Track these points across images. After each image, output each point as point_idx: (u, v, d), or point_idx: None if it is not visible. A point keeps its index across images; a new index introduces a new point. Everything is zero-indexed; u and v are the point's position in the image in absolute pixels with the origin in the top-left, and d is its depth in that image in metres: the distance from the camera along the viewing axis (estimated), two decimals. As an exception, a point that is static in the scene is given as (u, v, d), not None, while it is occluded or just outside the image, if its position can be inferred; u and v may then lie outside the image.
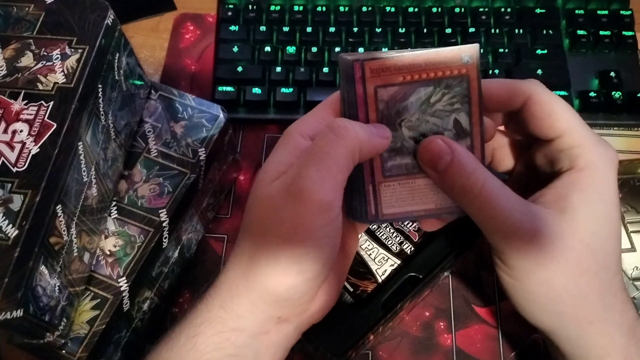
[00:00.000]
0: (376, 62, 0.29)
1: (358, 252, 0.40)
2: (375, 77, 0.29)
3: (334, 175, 0.28)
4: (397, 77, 0.30)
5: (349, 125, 0.28)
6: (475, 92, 0.30)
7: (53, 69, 0.35)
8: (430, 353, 0.44)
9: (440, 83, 0.30)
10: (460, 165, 0.30)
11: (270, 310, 0.29)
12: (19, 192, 0.31)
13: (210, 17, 0.60)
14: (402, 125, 0.30)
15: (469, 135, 0.31)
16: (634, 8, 0.58)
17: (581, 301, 0.30)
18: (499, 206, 0.29)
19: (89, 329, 0.36)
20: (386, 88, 0.30)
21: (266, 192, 0.29)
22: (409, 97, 0.30)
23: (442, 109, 0.30)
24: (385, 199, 0.31)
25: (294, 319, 0.31)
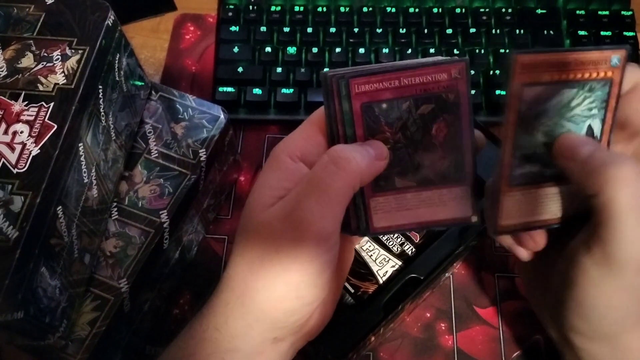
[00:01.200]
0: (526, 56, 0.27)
1: (359, 253, 0.40)
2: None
3: (334, 207, 0.28)
4: (545, 75, 0.27)
5: (350, 156, 0.28)
6: (615, 98, 0.29)
7: (53, 69, 0.35)
8: (432, 354, 0.44)
9: (584, 85, 0.28)
10: (607, 152, 0.28)
11: (267, 332, 0.29)
12: (19, 194, 0.31)
13: (210, 18, 0.60)
14: (539, 129, 0.29)
15: (598, 142, 0.30)
16: (634, 8, 0.57)
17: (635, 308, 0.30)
18: None
19: (89, 331, 0.36)
20: (532, 87, 0.28)
21: (263, 218, 0.28)
22: (552, 99, 0.28)
23: (580, 113, 0.29)
24: (507, 210, 0.30)
25: (290, 338, 0.30)
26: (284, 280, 0.27)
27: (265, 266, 0.28)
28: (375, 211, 0.31)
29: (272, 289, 0.28)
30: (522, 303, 0.46)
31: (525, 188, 0.30)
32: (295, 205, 0.27)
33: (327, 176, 0.27)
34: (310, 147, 0.30)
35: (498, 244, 0.48)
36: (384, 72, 0.28)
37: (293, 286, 0.28)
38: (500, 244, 0.35)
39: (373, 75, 0.28)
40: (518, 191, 0.30)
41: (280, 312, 0.28)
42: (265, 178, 0.30)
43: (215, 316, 0.29)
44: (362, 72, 0.29)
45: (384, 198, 0.31)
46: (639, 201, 0.27)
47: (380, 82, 0.28)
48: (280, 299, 0.28)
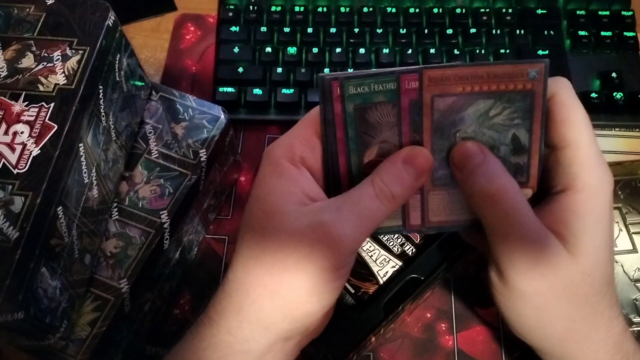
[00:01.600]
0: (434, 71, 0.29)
1: (359, 254, 0.40)
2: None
3: (370, 231, 0.30)
4: (457, 87, 0.29)
5: (396, 194, 0.29)
6: (539, 108, 0.30)
7: (54, 70, 0.35)
8: (432, 354, 0.44)
9: (501, 97, 0.29)
10: (488, 168, 0.29)
11: (282, 333, 0.29)
12: (19, 194, 0.31)
13: (210, 18, 0.60)
14: (456, 135, 0.30)
15: (527, 152, 0.30)
16: (635, 9, 0.57)
17: (570, 324, 0.30)
18: (518, 220, 0.29)
19: (90, 331, 0.36)
20: (443, 97, 0.29)
21: (287, 226, 0.28)
22: (467, 108, 0.29)
23: (501, 123, 0.30)
24: (432, 207, 0.32)
25: (297, 337, 0.31)
26: (306, 286, 0.28)
27: (290, 271, 0.28)
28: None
29: (294, 293, 0.28)
30: (522, 303, 0.46)
31: (448, 188, 0.31)
32: (334, 220, 0.28)
33: (371, 207, 0.29)
34: (308, 151, 0.30)
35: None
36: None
37: (315, 292, 0.28)
38: None
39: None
40: (442, 191, 0.32)
41: (299, 314, 0.29)
42: (272, 184, 0.30)
43: (227, 320, 0.29)
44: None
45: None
46: (508, 214, 0.29)
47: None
48: (301, 302, 0.28)
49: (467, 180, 0.30)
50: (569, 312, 0.30)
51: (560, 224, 0.29)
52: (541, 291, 0.29)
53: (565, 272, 0.29)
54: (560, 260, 0.29)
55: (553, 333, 0.31)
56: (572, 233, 0.29)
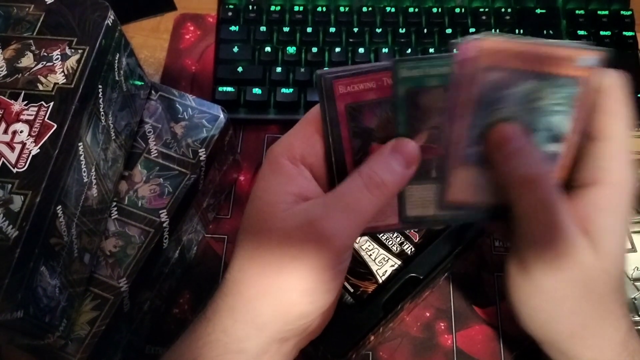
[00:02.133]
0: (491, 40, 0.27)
1: (358, 253, 0.40)
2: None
3: (362, 226, 0.29)
4: (509, 63, 0.28)
5: (385, 181, 0.28)
6: (586, 100, 0.28)
7: (53, 69, 0.35)
8: (431, 353, 0.44)
9: (551, 79, 0.28)
10: (528, 153, 0.29)
11: (276, 334, 0.29)
12: (19, 193, 0.31)
13: (210, 18, 0.60)
14: (496, 113, 0.29)
15: (564, 141, 0.29)
16: (634, 8, 0.57)
17: (582, 320, 0.30)
18: (552, 210, 0.28)
19: (89, 330, 0.36)
20: (493, 71, 0.28)
21: (279, 225, 0.28)
22: (514, 87, 0.28)
23: (544, 107, 0.29)
24: (456, 184, 0.30)
25: (294, 338, 0.31)
26: (299, 287, 0.28)
27: (282, 272, 0.28)
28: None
29: (287, 294, 0.28)
30: (521, 303, 0.46)
31: (475, 167, 0.30)
32: (322, 217, 0.28)
33: (360, 199, 0.28)
34: (308, 149, 0.30)
35: (498, 243, 0.48)
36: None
37: (309, 292, 0.28)
38: None
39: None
40: (468, 169, 0.30)
41: (293, 315, 0.29)
42: (269, 182, 0.30)
43: (222, 319, 0.29)
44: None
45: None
46: (542, 203, 0.28)
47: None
48: (294, 303, 0.28)
49: (504, 162, 0.29)
50: (584, 309, 0.30)
51: (586, 219, 0.29)
52: (561, 285, 0.29)
53: (587, 269, 0.29)
54: (583, 256, 0.28)
55: (564, 328, 0.31)
56: (597, 230, 0.29)
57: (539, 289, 0.30)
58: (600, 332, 0.31)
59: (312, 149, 0.30)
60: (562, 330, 0.31)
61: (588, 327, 0.30)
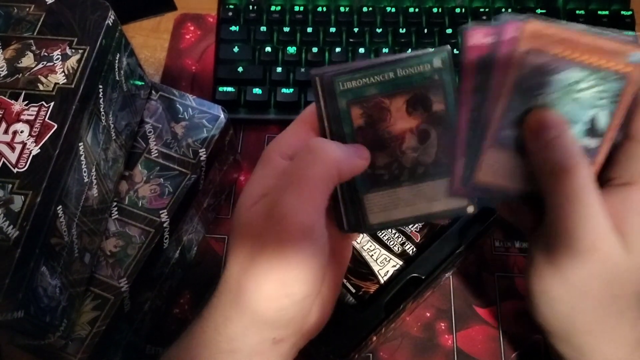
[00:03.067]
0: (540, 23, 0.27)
1: (360, 253, 0.40)
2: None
3: (314, 198, 0.27)
4: (555, 48, 0.27)
5: (325, 145, 0.28)
6: (629, 96, 0.28)
7: (54, 69, 0.35)
8: (431, 354, 0.44)
9: (597, 71, 0.27)
10: (567, 142, 0.28)
11: (264, 332, 0.29)
12: (19, 193, 0.31)
13: (210, 18, 0.60)
14: (537, 98, 0.28)
15: (601, 136, 0.29)
16: (634, 8, 0.58)
17: (602, 317, 0.30)
18: (587, 201, 0.28)
19: (89, 330, 0.36)
20: (538, 55, 0.27)
21: (248, 217, 0.28)
22: (558, 74, 0.28)
23: (586, 99, 0.28)
24: (486, 166, 0.30)
25: (290, 338, 0.30)
26: (271, 278, 0.27)
27: (254, 265, 0.28)
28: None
29: (261, 288, 0.27)
30: (522, 303, 0.46)
31: (507, 150, 0.30)
32: (276, 200, 0.27)
33: (303, 166, 0.27)
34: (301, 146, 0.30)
35: (498, 244, 0.48)
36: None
37: (280, 283, 0.27)
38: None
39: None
40: (500, 152, 0.30)
41: (272, 311, 0.28)
42: (254, 177, 0.30)
43: (214, 318, 0.29)
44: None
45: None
46: (579, 193, 0.28)
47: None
48: (270, 297, 0.28)
49: (541, 149, 0.28)
50: (605, 305, 0.29)
51: (619, 218, 0.29)
52: (587, 279, 0.29)
53: (616, 266, 0.29)
54: (614, 253, 0.28)
55: (583, 323, 0.30)
56: (630, 229, 0.29)
57: (564, 280, 0.29)
58: (617, 330, 0.30)
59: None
60: (580, 324, 0.30)
61: (606, 323, 0.30)
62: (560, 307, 0.30)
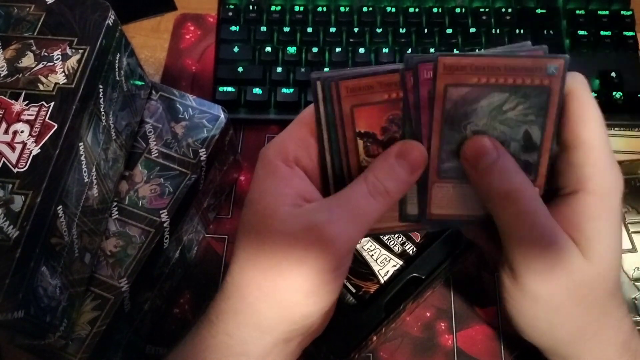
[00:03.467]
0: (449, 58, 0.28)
1: (360, 253, 0.40)
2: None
3: (365, 230, 0.29)
4: (472, 78, 0.28)
5: (389, 189, 0.29)
6: (555, 106, 0.29)
7: (54, 69, 0.35)
8: (431, 353, 0.44)
9: (517, 91, 0.28)
10: (503, 166, 0.29)
11: (280, 335, 0.29)
12: (19, 193, 0.31)
13: (210, 18, 0.60)
14: (467, 128, 0.29)
15: (538, 150, 0.29)
16: (634, 8, 0.58)
17: (581, 325, 0.30)
18: (535, 220, 0.28)
19: (90, 330, 0.36)
20: (457, 87, 0.28)
21: (281, 227, 0.28)
22: (481, 101, 0.29)
23: (514, 118, 0.29)
24: (436, 200, 0.31)
25: (297, 338, 0.31)
26: (302, 289, 0.28)
27: (284, 274, 0.28)
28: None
29: (290, 296, 0.28)
30: (522, 303, 0.46)
31: (453, 181, 0.30)
32: (326, 221, 0.28)
33: (364, 205, 0.29)
34: (302, 151, 0.30)
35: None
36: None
37: (311, 294, 0.28)
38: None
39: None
40: (447, 183, 0.30)
41: (296, 317, 0.29)
42: (265, 185, 0.29)
43: (226, 323, 0.29)
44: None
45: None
46: (524, 215, 0.28)
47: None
48: (297, 305, 0.28)
49: (481, 177, 0.29)
50: (582, 314, 0.30)
51: (572, 227, 0.29)
52: (555, 294, 0.29)
53: (580, 275, 0.29)
54: (575, 263, 0.28)
55: (564, 335, 0.31)
56: (585, 236, 0.29)
57: (534, 298, 0.29)
58: (600, 335, 0.30)
59: (305, 151, 0.30)
60: (561, 336, 0.31)
61: (587, 331, 0.30)
62: (539, 325, 0.31)
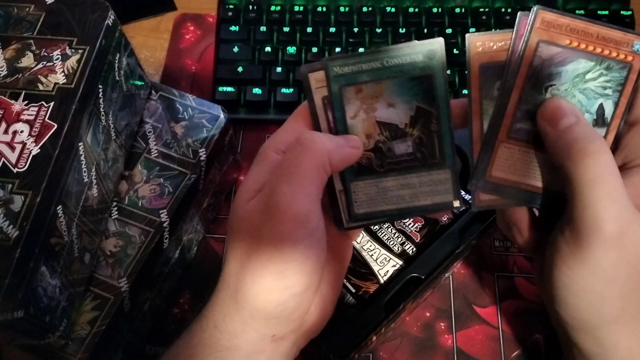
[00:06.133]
0: (549, 14, 0.29)
1: (360, 253, 0.40)
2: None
3: (305, 187, 0.27)
4: (565, 39, 0.28)
5: (315, 136, 0.29)
6: (632, 84, 0.29)
7: (53, 69, 0.35)
8: (431, 353, 0.44)
9: (602, 62, 0.29)
10: (586, 128, 0.28)
11: (263, 329, 0.29)
12: (19, 193, 0.31)
13: (210, 18, 0.60)
14: (548, 90, 0.29)
15: (607, 126, 0.30)
16: (634, 8, 0.58)
17: (626, 305, 0.29)
18: (613, 183, 0.27)
19: (89, 330, 0.36)
20: (549, 46, 0.29)
21: (244, 211, 0.29)
22: (567, 64, 0.29)
23: (593, 89, 0.29)
24: (500, 160, 0.30)
25: (290, 335, 0.30)
26: (269, 271, 0.27)
27: (251, 259, 0.28)
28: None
29: (259, 281, 0.28)
30: (521, 302, 0.46)
31: (522, 144, 0.30)
32: (270, 193, 0.28)
33: (294, 157, 0.28)
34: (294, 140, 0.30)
35: (498, 243, 0.48)
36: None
37: (279, 275, 0.27)
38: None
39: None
40: (514, 145, 0.30)
41: (271, 305, 0.28)
42: (250, 173, 0.30)
43: (214, 315, 0.29)
44: None
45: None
46: (603, 177, 0.27)
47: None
48: (268, 290, 0.28)
49: (560, 136, 0.28)
50: (632, 291, 0.29)
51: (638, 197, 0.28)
52: (616, 265, 0.28)
53: None
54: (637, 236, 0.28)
55: (609, 312, 0.29)
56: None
57: (592, 267, 0.28)
58: (638, 320, 0.30)
59: None
60: (607, 313, 0.30)
61: (627, 312, 0.29)
62: (589, 297, 0.29)
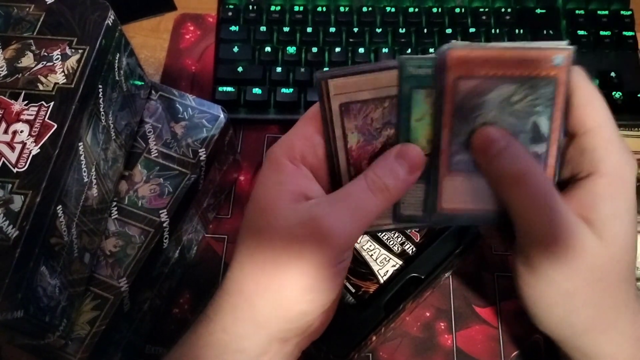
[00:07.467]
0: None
1: (360, 253, 0.40)
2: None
3: (365, 226, 0.29)
4: (480, 70, 0.28)
5: (388, 185, 0.29)
6: (562, 96, 0.29)
7: (53, 69, 0.35)
8: (431, 353, 0.44)
9: (525, 82, 0.29)
10: (513, 150, 0.29)
11: (276, 333, 0.29)
12: (19, 193, 0.31)
13: (210, 18, 0.60)
14: (476, 120, 0.29)
15: (546, 141, 0.30)
16: (634, 8, 0.58)
17: (597, 313, 0.30)
18: (547, 202, 0.28)
19: (89, 330, 0.36)
20: (467, 80, 0.29)
21: (280, 223, 0.28)
22: (489, 93, 0.29)
23: (522, 109, 0.29)
24: (446, 193, 0.31)
25: (295, 338, 0.31)
26: (300, 284, 0.28)
27: (280, 268, 0.28)
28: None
29: (287, 291, 0.28)
30: (521, 302, 0.46)
31: (464, 174, 0.30)
32: (326, 214, 0.28)
33: (364, 200, 0.29)
34: (308, 149, 0.30)
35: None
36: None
37: (308, 290, 0.28)
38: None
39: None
40: (458, 177, 0.31)
41: (293, 313, 0.28)
42: (269, 182, 0.30)
43: (222, 318, 0.29)
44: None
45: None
46: (536, 198, 0.28)
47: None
48: (295, 301, 0.28)
49: (491, 163, 0.29)
50: (597, 299, 0.29)
51: (587, 209, 0.29)
52: (570, 277, 0.29)
53: (595, 257, 0.28)
54: (589, 245, 0.28)
55: (579, 322, 0.30)
56: (600, 217, 0.28)
57: (550, 285, 0.29)
58: (617, 326, 0.30)
59: (312, 148, 0.30)
60: (577, 324, 0.30)
61: (604, 319, 0.30)
62: (555, 312, 0.30)
